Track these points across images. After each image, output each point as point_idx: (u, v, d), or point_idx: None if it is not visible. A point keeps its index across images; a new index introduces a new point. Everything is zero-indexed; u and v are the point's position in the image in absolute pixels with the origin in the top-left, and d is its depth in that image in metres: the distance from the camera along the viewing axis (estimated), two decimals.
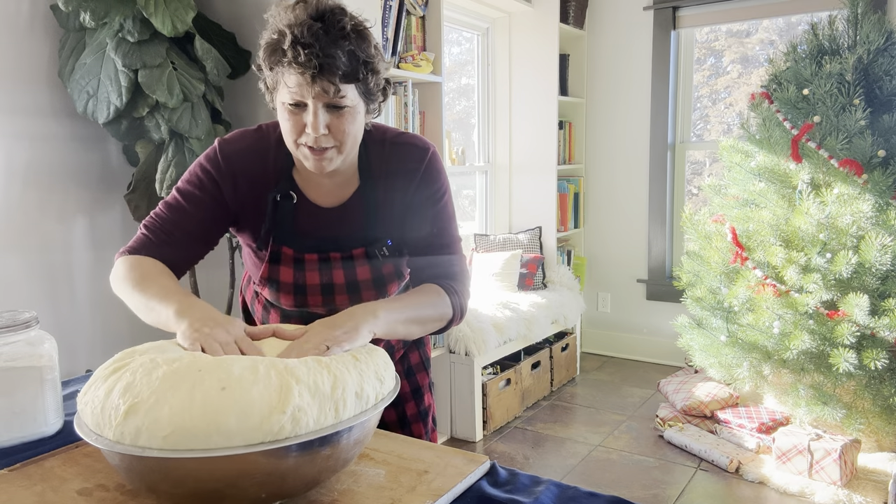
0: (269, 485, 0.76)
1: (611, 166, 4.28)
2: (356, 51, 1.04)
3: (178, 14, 2.21)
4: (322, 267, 1.21)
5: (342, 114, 1.07)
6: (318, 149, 1.08)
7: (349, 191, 1.22)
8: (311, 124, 1.05)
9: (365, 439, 0.86)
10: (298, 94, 1.03)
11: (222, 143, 1.19)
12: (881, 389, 2.57)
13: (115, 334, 2.63)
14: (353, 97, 1.07)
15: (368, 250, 1.22)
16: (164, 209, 1.19)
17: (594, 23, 4.24)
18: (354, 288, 1.23)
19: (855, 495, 2.44)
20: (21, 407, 1.04)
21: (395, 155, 1.22)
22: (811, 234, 2.63)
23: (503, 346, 3.30)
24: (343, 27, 1.02)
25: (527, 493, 0.89)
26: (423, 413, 1.42)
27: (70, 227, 2.49)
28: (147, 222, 1.19)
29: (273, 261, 1.21)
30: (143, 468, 0.75)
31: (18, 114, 2.32)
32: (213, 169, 1.18)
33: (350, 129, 1.08)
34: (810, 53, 2.84)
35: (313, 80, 1.01)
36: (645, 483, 2.65)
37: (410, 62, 2.95)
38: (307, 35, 1.00)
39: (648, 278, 4.18)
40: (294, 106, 1.06)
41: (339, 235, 1.22)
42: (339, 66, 1.01)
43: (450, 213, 1.26)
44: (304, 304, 1.25)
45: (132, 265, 1.12)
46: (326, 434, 0.77)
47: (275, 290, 1.24)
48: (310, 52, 0.99)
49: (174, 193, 1.20)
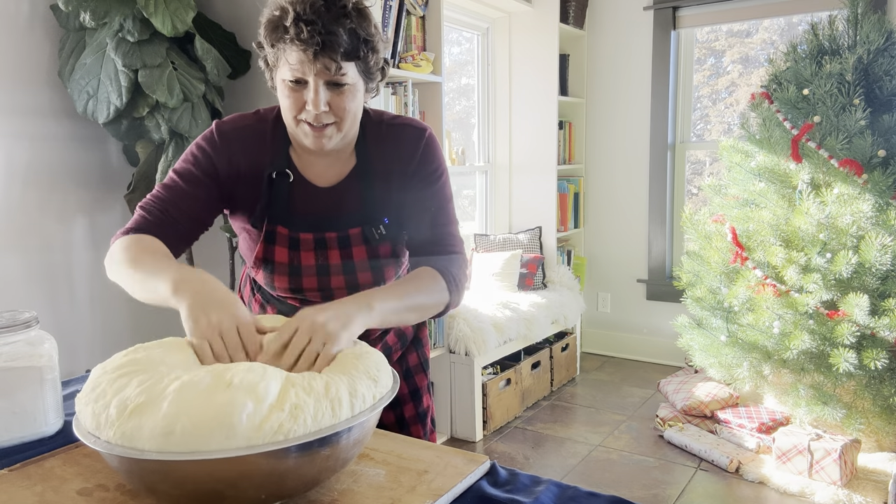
0: (268, 486, 0.76)
1: (611, 166, 4.28)
2: (357, 29, 1.05)
3: (178, 14, 2.21)
4: (317, 247, 1.21)
5: (342, 91, 1.08)
6: (317, 125, 1.09)
7: (345, 170, 1.22)
8: (311, 101, 1.06)
9: (364, 439, 0.86)
10: (300, 70, 1.04)
11: (219, 123, 1.20)
12: (881, 389, 2.57)
13: (115, 334, 2.63)
14: (354, 75, 1.08)
15: (365, 229, 1.21)
16: (160, 189, 1.19)
17: (594, 23, 4.24)
18: (350, 269, 1.23)
19: (855, 495, 2.44)
20: (21, 407, 1.04)
21: (392, 136, 1.22)
22: (811, 234, 2.63)
23: (503, 346, 3.30)
24: (344, 5, 1.04)
25: (527, 493, 0.89)
26: (422, 415, 1.41)
27: (70, 227, 2.49)
28: (143, 203, 1.19)
29: (268, 241, 1.20)
30: (142, 470, 0.75)
31: (18, 114, 2.32)
32: (209, 146, 1.18)
33: (350, 106, 1.09)
34: (810, 53, 2.84)
35: (315, 57, 1.02)
36: (645, 483, 2.65)
37: (410, 62, 2.95)
38: (309, 12, 1.01)
39: (648, 278, 4.18)
40: (294, 83, 1.06)
41: (335, 215, 1.21)
42: (340, 44, 1.02)
43: (448, 193, 1.26)
44: (299, 287, 1.23)
45: (127, 245, 1.10)
46: (326, 435, 0.77)
47: (269, 271, 1.23)
48: (312, 28, 1.00)
49: (170, 174, 1.20)
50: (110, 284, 1.15)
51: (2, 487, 0.90)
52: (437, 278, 1.15)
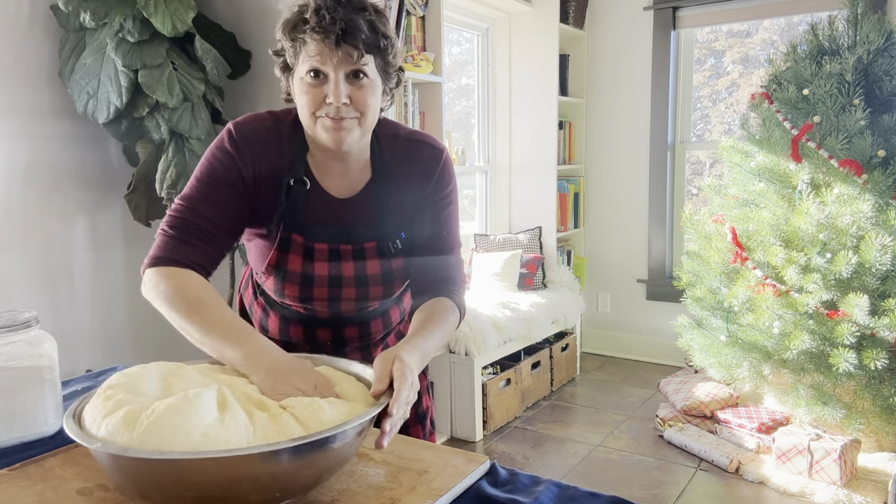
0: (263, 490, 0.76)
1: (611, 166, 4.28)
2: (376, 23, 1.07)
3: (178, 14, 2.21)
4: (332, 258, 1.19)
5: (362, 85, 1.08)
6: (337, 118, 1.07)
7: (361, 182, 1.21)
8: (332, 93, 1.06)
9: (350, 450, 0.85)
10: (320, 61, 1.04)
11: (237, 125, 1.16)
12: (881, 389, 2.57)
13: (115, 334, 2.63)
14: (373, 71, 1.08)
15: (381, 244, 1.20)
16: (184, 203, 1.13)
17: (594, 23, 4.24)
18: (363, 282, 1.22)
19: (855, 495, 2.44)
20: (21, 407, 1.04)
21: (409, 152, 1.22)
22: (811, 234, 2.63)
23: (503, 346, 3.30)
24: (363, 1, 1.07)
25: (527, 493, 0.89)
26: (421, 416, 1.40)
27: (70, 227, 2.49)
28: (169, 222, 1.12)
29: (282, 248, 1.18)
30: (136, 471, 0.74)
31: (19, 114, 2.32)
32: (233, 149, 1.14)
33: (371, 101, 1.09)
34: (810, 53, 2.84)
35: (336, 45, 1.03)
36: (645, 483, 2.65)
37: (410, 62, 2.95)
38: (331, 3, 1.03)
39: (648, 278, 4.18)
40: (314, 77, 1.06)
41: (351, 227, 1.20)
42: (362, 31, 1.04)
43: (456, 216, 1.28)
44: (309, 296, 1.22)
45: (176, 287, 1.05)
46: (319, 438, 0.76)
47: (280, 279, 1.20)
48: (333, 16, 1.02)
49: (192, 184, 1.14)
50: (110, 284, 1.15)
51: (2, 487, 0.90)
52: (455, 312, 1.20)
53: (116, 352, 2.63)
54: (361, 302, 1.25)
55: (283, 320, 1.30)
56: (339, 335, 1.29)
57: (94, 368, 2.43)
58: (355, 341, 1.31)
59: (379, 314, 1.32)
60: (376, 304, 1.29)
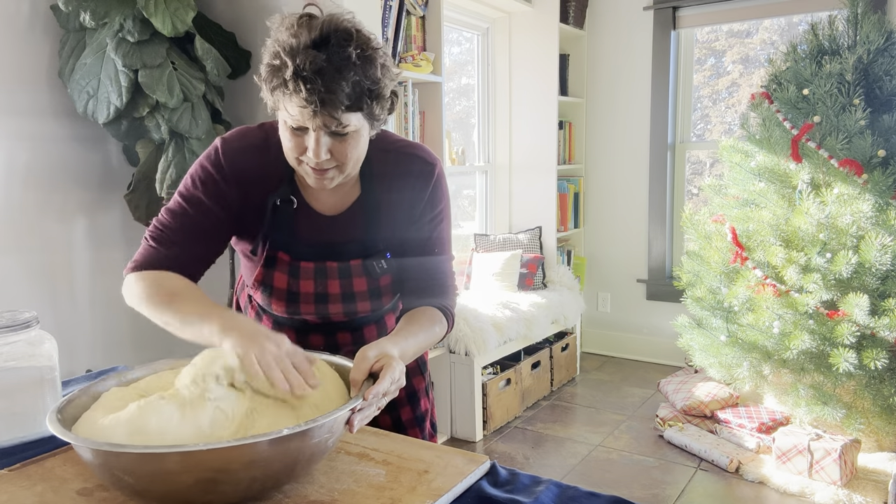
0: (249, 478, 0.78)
1: (611, 166, 4.28)
2: (361, 80, 0.99)
3: (178, 14, 2.21)
4: (317, 275, 1.19)
5: (345, 139, 1.04)
6: (319, 169, 1.06)
7: (349, 199, 1.20)
8: (312, 150, 1.03)
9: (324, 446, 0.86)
10: (300, 121, 1.01)
11: (224, 144, 1.16)
12: (881, 389, 2.57)
13: (115, 334, 2.63)
14: (357, 122, 1.03)
15: (366, 262, 1.20)
16: (167, 216, 1.15)
17: (594, 23, 4.24)
18: (350, 298, 1.22)
19: (855, 495, 2.44)
20: (21, 407, 1.04)
21: (400, 167, 1.20)
22: (811, 234, 2.63)
23: (503, 346, 3.30)
24: (348, 57, 0.97)
25: (527, 493, 0.90)
26: (420, 418, 1.39)
27: (70, 227, 2.49)
28: (151, 233, 1.15)
29: (267, 265, 1.19)
30: (119, 464, 0.76)
31: (18, 114, 2.32)
32: (215, 170, 1.14)
33: (352, 153, 1.06)
34: (810, 53, 2.84)
35: (314, 114, 0.98)
36: (645, 483, 2.65)
37: (410, 62, 2.95)
38: (309, 69, 0.95)
39: (648, 278, 4.18)
40: (294, 129, 1.04)
41: (338, 243, 1.19)
42: (341, 101, 0.98)
43: (448, 230, 1.27)
44: (297, 312, 1.23)
45: (152, 283, 1.08)
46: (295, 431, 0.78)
47: (267, 294, 1.22)
48: (312, 87, 0.95)
49: (176, 198, 1.16)
50: (110, 284, 1.16)
51: (2, 487, 0.90)
52: (442, 322, 1.19)
53: (116, 352, 2.63)
54: (350, 317, 1.25)
55: (276, 325, 1.30)
56: (331, 341, 1.29)
57: (94, 368, 2.42)
58: (348, 346, 1.30)
59: (374, 320, 1.32)
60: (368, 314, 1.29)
